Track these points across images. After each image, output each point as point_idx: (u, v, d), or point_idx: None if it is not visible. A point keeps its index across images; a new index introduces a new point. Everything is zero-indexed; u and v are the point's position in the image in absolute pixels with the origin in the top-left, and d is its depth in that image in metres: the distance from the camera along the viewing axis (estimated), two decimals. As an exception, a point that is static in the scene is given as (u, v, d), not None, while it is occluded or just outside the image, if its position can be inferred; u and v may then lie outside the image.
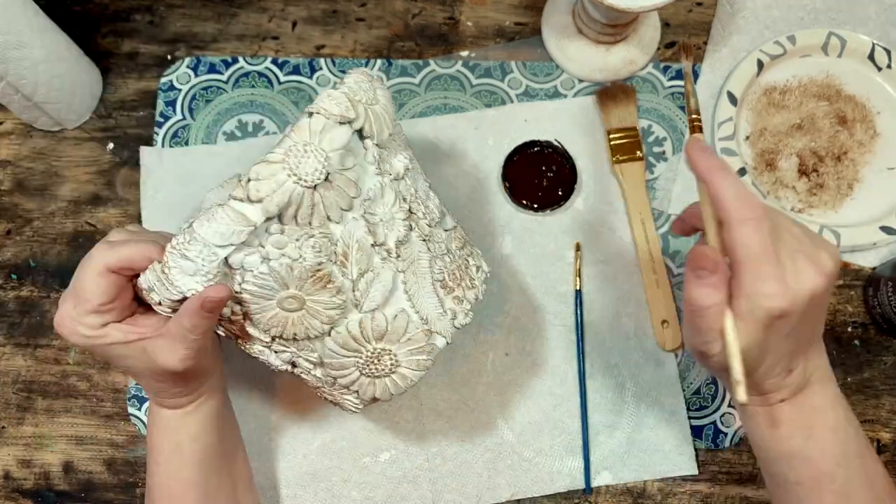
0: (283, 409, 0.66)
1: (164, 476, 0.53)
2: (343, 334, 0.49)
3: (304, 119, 0.45)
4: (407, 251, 0.50)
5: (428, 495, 0.65)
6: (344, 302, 0.47)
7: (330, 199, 0.46)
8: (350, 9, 0.76)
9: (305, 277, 0.46)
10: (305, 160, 0.44)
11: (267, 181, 0.43)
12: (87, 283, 0.46)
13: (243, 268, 0.45)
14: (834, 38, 0.72)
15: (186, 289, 0.45)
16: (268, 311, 0.47)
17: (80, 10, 0.76)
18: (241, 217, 0.43)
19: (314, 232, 0.45)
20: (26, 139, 0.72)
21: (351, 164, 0.47)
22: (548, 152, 0.70)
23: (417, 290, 0.50)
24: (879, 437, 0.66)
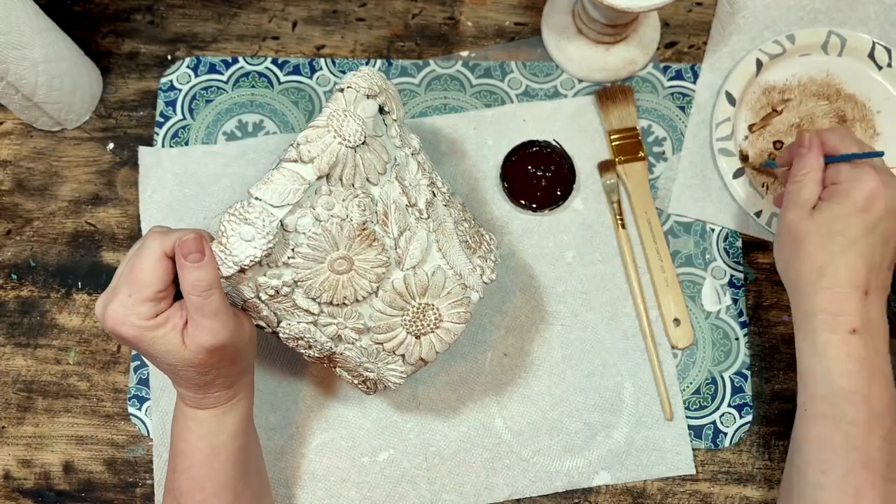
0: (283, 409, 0.66)
1: (196, 479, 0.52)
2: (389, 292, 0.52)
3: (337, 93, 0.51)
4: (434, 213, 0.54)
5: (426, 495, 0.65)
6: (388, 259, 0.51)
7: (368, 160, 0.50)
8: (350, 9, 0.76)
9: (353, 236, 0.50)
10: (347, 123, 0.49)
11: (316, 142, 0.48)
12: (145, 269, 0.46)
13: (296, 230, 0.48)
14: (834, 36, 0.72)
15: (244, 256, 0.47)
16: (319, 276, 0.50)
17: (80, 10, 0.76)
18: (296, 176, 0.47)
19: (358, 192, 0.50)
20: (26, 139, 0.72)
21: (380, 133, 0.52)
22: (546, 152, 0.70)
23: (448, 248, 0.54)
24: (880, 436, 0.66)
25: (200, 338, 0.47)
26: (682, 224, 0.70)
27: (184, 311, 0.48)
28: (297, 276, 0.49)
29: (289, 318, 0.52)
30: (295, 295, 0.50)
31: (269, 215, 0.46)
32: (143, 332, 0.46)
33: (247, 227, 0.46)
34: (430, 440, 0.66)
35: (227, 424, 0.52)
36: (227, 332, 0.48)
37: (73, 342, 0.68)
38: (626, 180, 0.70)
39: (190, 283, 0.46)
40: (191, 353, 0.47)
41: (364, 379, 0.57)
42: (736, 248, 0.70)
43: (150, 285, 0.46)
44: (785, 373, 0.67)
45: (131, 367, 0.68)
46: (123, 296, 0.46)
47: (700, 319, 0.68)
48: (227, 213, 0.47)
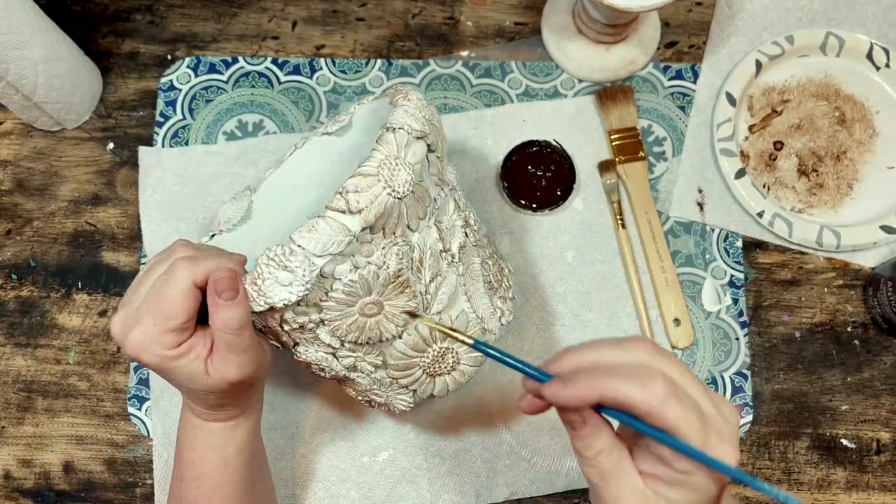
0: (282, 409, 0.66)
1: (204, 489, 0.52)
2: (413, 336, 0.51)
3: (387, 133, 0.48)
4: (465, 256, 0.54)
5: (426, 495, 0.65)
6: (417, 305, 0.50)
7: (412, 208, 0.48)
8: (350, 9, 0.76)
9: (387, 283, 0.48)
10: (398, 173, 0.46)
11: (365, 193, 0.45)
12: (173, 300, 0.44)
13: (333, 276, 0.46)
14: (832, 37, 0.73)
15: (278, 299, 0.45)
16: (348, 318, 0.49)
17: (80, 10, 0.76)
18: (341, 227, 0.45)
19: (398, 240, 0.48)
20: (26, 139, 0.72)
21: (425, 177, 0.50)
22: (546, 152, 0.70)
23: (474, 292, 0.54)
24: (879, 436, 0.66)
25: (227, 372, 0.46)
26: (682, 224, 0.70)
27: (207, 339, 0.47)
28: (326, 317, 0.48)
29: (307, 346, 0.51)
30: (319, 331, 0.49)
31: (311, 264, 0.45)
32: (165, 362, 0.45)
33: (285, 273, 0.45)
34: (429, 440, 0.66)
35: (237, 437, 0.52)
36: (254, 366, 0.47)
37: (73, 342, 0.68)
38: (626, 180, 0.70)
39: (222, 321, 0.45)
40: (213, 382, 0.46)
41: (370, 401, 0.57)
42: (736, 249, 0.70)
43: (177, 317, 0.45)
44: (785, 373, 0.67)
45: (131, 367, 0.68)
46: (148, 325, 0.45)
47: (700, 319, 0.68)
48: (267, 255, 0.45)
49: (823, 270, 0.70)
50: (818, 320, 0.69)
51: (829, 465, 0.66)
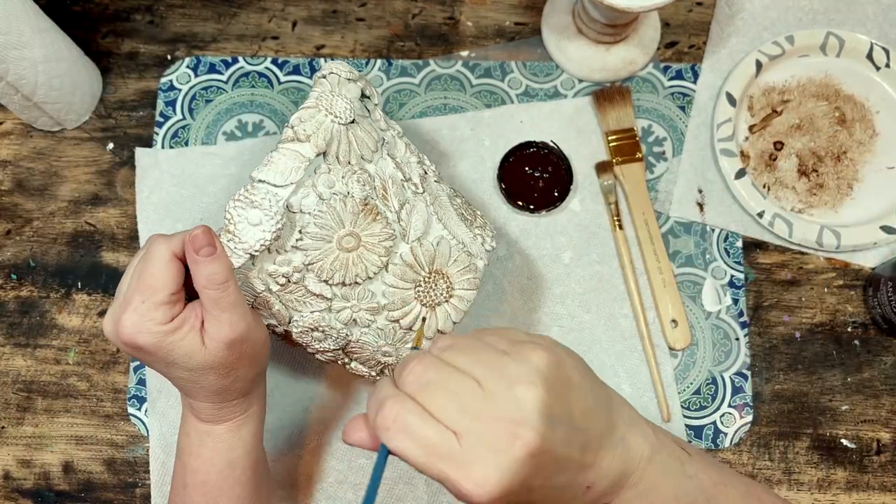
0: (279, 410, 0.66)
1: (213, 495, 0.52)
2: (399, 265, 0.53)
3: (320, 80, 0.52)
4: (428, 187, 0.55)
5: (423, 497, 0.65)
6: (393, 233, 0.52)
7: (361, 138, 0.52)
8: (350, 9, 0.76)
9: (357, 212, 0.51)
10: (336, 102, 0.51)
11: (310, 121, 0.50)
12: (156, 273, 0.45)
13: (301, 211, 0.49)
14: (832, 37, 0.72)
15: (254, 241, 0.47)
16: (329, 255, 0.50)
17: (80, 10, 0.76)
18: (295, 155, 0.49)
19: (355, 168, 0.51)
20: (26, 139, 0.73)
21: (366, 115, 0.54)
22: (544, 153, 0.70)
23: (448, 220, 0.55)
24: (879, 437, 0.66)
25: (220, 333, 0.46)
26: (682, 224, 0.70)
27: (198, 311, 0.47)
28: (308, 259, 0.50)
29: (301, 309, 0.52)
30: (306, 281, 0.51)
31: (275, 195, 0.47)
32: (161, 339, 0.45)
33: (254, 210, 0.47)
34: (428, 441, 0.66)
35: (243, 438, 0.52)
36: (245, 323, 0.47)
37: (72, 342, 0.68)
38: (624, 181, 0.70)
39: (205, 278, 0.45)
40: (211, 353, 0.46)
41: (382, 367, 0.57)
42: (736, 249, 0.70)
43: (164, 288, 0.45)
44: (785, 373, 0.67)
45: (131, 368, 0.68)
46: (137, 303, 0.45)
47: (700, 319, 0.68)
48: (232, 200, 0.47)
49: (823, 271, 0.69)
50: (818, 320, 0.68)
51: (829, 466, 0.66)
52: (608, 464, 0.40)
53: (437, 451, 0.35)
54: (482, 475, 0.35)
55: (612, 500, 0.41)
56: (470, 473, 0.35)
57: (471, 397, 0.36)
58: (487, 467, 0.35)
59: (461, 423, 0.36)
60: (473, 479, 0.35)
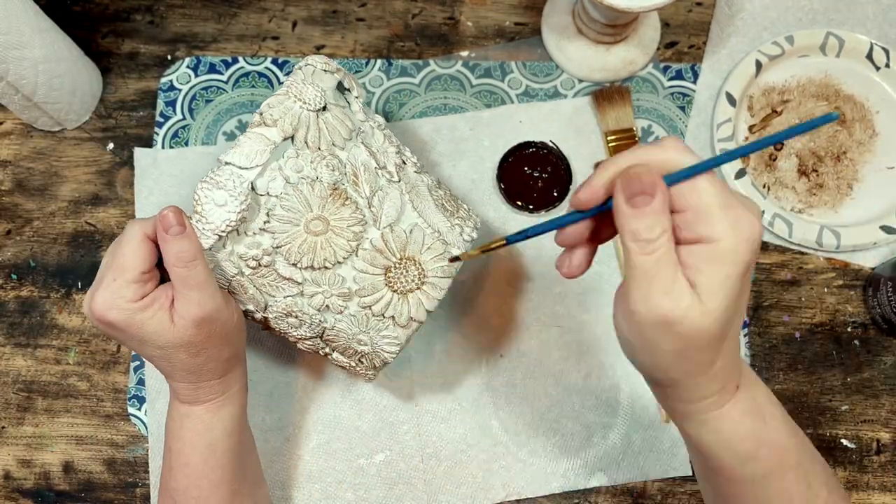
0: (278, 410, 0.66)
1: (194, 477, 0.52)
2: (369, 250, 0.52)
3: (295, 70, 0.54)
4: (405, 176, 0.55)
5: (423, 497, 0.65)
6: (364, 217, 0.52)
7: (332, 125, 0.52)
8: (350, 9, 0.76)
9: (325, 196, 0.51)
10: (306, 90, 0.52)
11: (278, 107, 0.51)
12: (128, 253, 0.47)
13: (268, 193, 0.50)
14: (832, 38, 0.72)
15: (220, 221, 0.48)
16: (296, 238, 0.51)
17: (80, 10, 0.76)
18: (261, 138, 0.49)
19: (325, 154, 0.51)
20: (26, 139, 0.73)
21: (342, 104, 0.55)
22: (543, 153, 0.70)
23: (424, 209, 0.55)
24: (879, 437, 0.66)
25: (188, 311, 0.47)
26: (681, 224, 0.70)
27: (169, 291, 0.48)
28: (276, 242, 0.50)
29: (275, 294, 0.52)
30: (276, 264, 0.51)
31: (240, 177, 0.48)
32: (130, 315, 0.46)
33: (219, 191, 0.48)
34: (426, 442, 0.66)
35: (222, 420, 0.53)
36: (214, 303, 0.48)
37: (73, 342, 0.68)
38: (625, 181, 0.70)
39: (174, 255, 0.46)
40: (180, 331, 0.47)
41: (360, 357, 0.56)
42: (735, 249, 0.69)
43: (134, 267, 0.46)
44: (785, 373, 0.67)
45: (131, 368, 0.68)
46: (108, 281, 0.47)
47: (699, 320, 0.68)
48: (200, 182, 0.48)
49: (823, 271, 0.69)
50: (818, 320, 0.68)
51: (829, 465, 0.66)
52: (728, 345, 0.39)
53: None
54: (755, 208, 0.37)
55: (739, 382, 0.41)
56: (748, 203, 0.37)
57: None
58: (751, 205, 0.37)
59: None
60: (753, 208, 0.37)
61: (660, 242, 0.36)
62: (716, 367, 0.39)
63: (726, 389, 0.41)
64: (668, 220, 0.36)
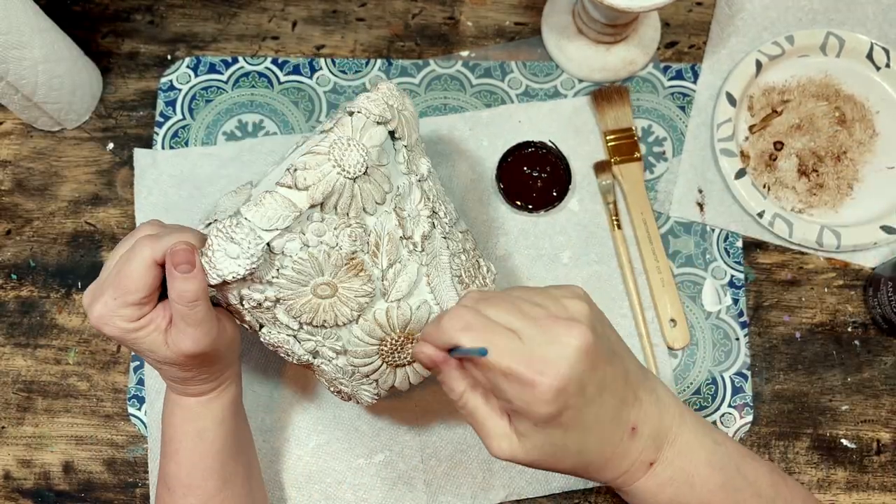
0: (278, 410, 0.66)
1: (185, 464, 0.53)
2: (370, 322, 0.51)
3: (345, 117, 0.49)
4: (430, 246, 0.53)
5: (423, 497, 0.65)
6: (373, 290, 0.50)
7: (367, 191, 0.49)
8: (350, 9, 0.76)
9: (340, 265, 0.49)
10: (349, 153, 0.47)
11: (314, 170, 0.46)
12: (134, 276, 0.46)
13: (283, 253, 0.47)
14: (832, 37, 0.72)
15: (227, 272, 0.46)
16: (301, 297, 0.49)
17: (80, 10, 0.76)
18: (287, 203, 0.46)
19: (351, 222, 0.49)
20: (26, 139, 0.73)
21: (385, 162, 0.50)
22: (542, 153, 0.70)
23: (439, 284, 0.53)
24: (879, 437, 0.66)
25: (182, 344, 0.48)
26: (682, 224, 0.70)
27: (167, 311, 0.48)
28: (280, 295, 0.49)
29: (269, 327, 0.52)
30: (276, 310, 0.50)
31: (256, 238, 0.46)
32: (125, 334, 0.47)
33: (233, 245, 0.46)
34: (426, 442, 0.66)
35: (212, 410, 0.53)
36: (209, 340, 0.48)
37: (72, 342, 0.68)
38: (622, 181, 0.70)
39: (177, 293, 0.46)
40: (172, 354, 0.48)
41: (339, 391, 0.57)
42: (736, 249, 0.70)
43: (136, 291, 0.46)
44: (785, 373, 0.67)
45: (131, 368, 0.68)
46: (109, 299, 0.47)
47: (700, 319, 0.68)
48: (216, 227, 0.46)
49: (823, 270, 0.69)
50: (818, 320, 0.68)
51: (830, 466, 0.66)
52: (647, 410, 0.43)
53: (501, 347, 0.40)
54: (545, 363, 0.39)
55: (656, 458, 0.44)
56: (533, 363, 0.39)
57: (525, 306, 0.42)
58: (549, 356, 0.40)
59: (520, 324, 0.41)
60: (537, 367, 0.39)
61: (463, 400, 0.44)
62: (606, 462, 0.43)
63: (636, 468, 0.44)
64: (462, 380, 0.44)
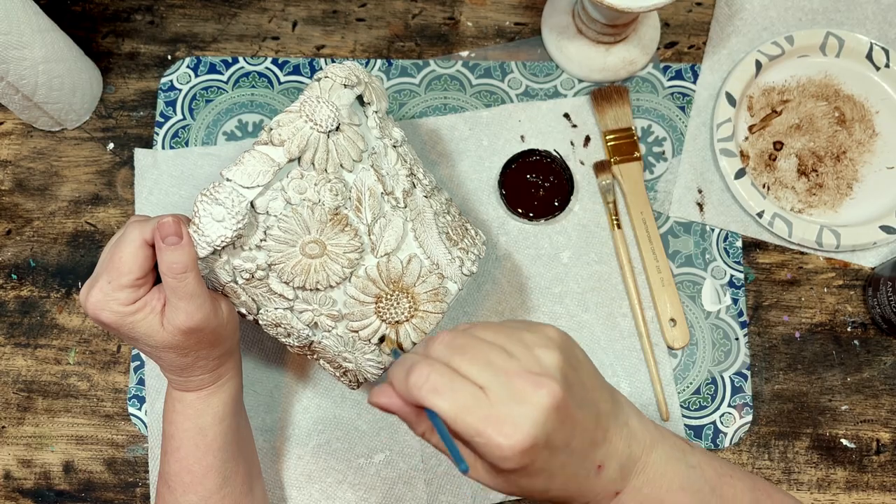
0: (279, 410, 0.66)
1: (185, 461, 0.53)
2: (362, 278, 0.52)
3: (313, 82, 0.51)
4: (413, 203, 0.54)
5: (423, 497, 0.65)
6: (361, 245, 0.51)
7: (342, 146, 0.50)
8: (350, 9, 0.76)
9: (325, 220, 0.50)
10: (319, 109, 0.49)
11: (287, 126, 0.48)
12: (125, 257, 0.47)
13: (268, 213, 0.48)
14: (832, 38, 0.72)
15: (216, 236, 0.47)
16: (291, 259, 0.50)
17: (80, 10, 0.76)
18: (266, 158, 0.48)
19: (331, 177, 0.50)
20: (26, 139, 0.73)
21: (357, 122, 0.52)
22: (546, 162, 0.69)
23: (426, 239, 0.54)
24: (879, 436, 0.66)
25: (176, 319, 0.48)
26: (681, 224, 0.70)
27: (162, 294, 0.49)
28: (270, 260, 0.50)
29: (266, 305, 0.52)
30: (269, 279, 0.51)
31: (239, 196, 0.47)
32: (122, 318, 0.48)
33: (218, 207, 0.47)
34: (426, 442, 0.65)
35: (212, 406, 0.53)
36: (203, 314, 0.48)
37: (73, 342, 0.68)
38: (622, 181, 0.70)
39: (166, 265, 0.47)
40: (169, 335, 0.48)
41: (344, 370, 0.57)
42: (736, 248, 0.70)
43: (130, 273, 0.47)
44: (785, 373, 0.67)
45: (131, 368, 0.68)
46: (103, 282, 0.47)
47: (700, 319, 0.68)
48: (200, 194, 0.48)
49: (823, 270, 0.70)
50: (818, 320, 0.68)
51: (829, 465, 0.66)
52: (615, 446, 0.42)
53: (467, 406, 0.38)
54: (511, 425, 0.37)
55: (623, 488, 0.43)
56: (499, 424, 0.37)
57: (495, 358, 0.39)
58: (515, 417, 0.37)
59: (488, 379, 0.39)
60: (503, 430, 0.37)
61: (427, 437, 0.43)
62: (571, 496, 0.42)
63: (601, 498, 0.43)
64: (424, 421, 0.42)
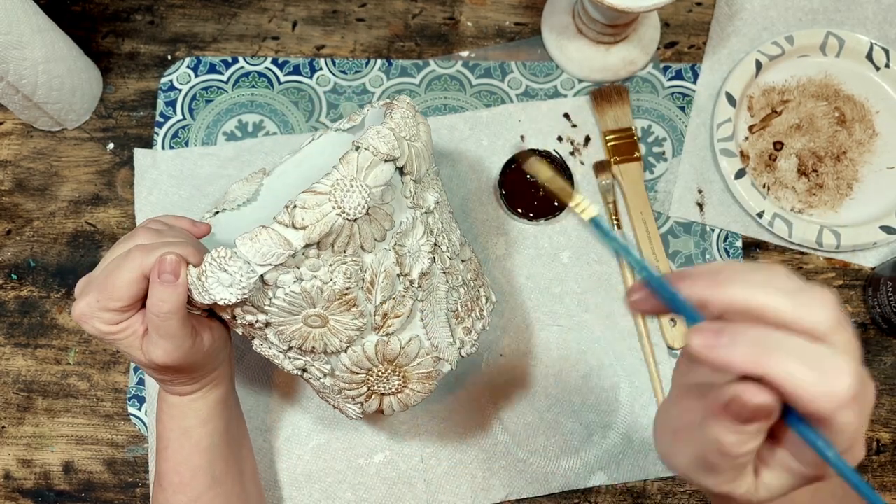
0: (278, 410, 0.66)
1: (173, 462, 0.53)
2: (358, 353, 0.51)
3: (351, 152, 0.46)
4: (427, 282, 0.51)
5: (423, 497, 0.65)
6: (364, 325, 0.49)
7: (366, 231, 0.47)
8: (350, 9, 0.76)
9: (333, 299, 0.47)
10: (350, 195, 0.45)
11: (312, 210, 0.45)
12: (120, 285, 0.46)
13: (276, 285, 0.46)
14: (832, 38, 0.72)
15: (219, 297, 0.46)
16: (292, 325, 0.49)
17: (80, 10, 0.76)
18: (283, 241, 0.45)
19: (347, 259, 0.47)
20: (26, 139, 0.73)
21: (389, 199, 0.48)
22: (547, 163, 0.69)
23: (432, 320, 0.52)
24: (879, 436, 0.66)
25: (153, 354, 0.48)
26: (681, 224, 0.70)
27: (145, 319, 0.48)
28: (271, 320, 0.49)
29: (260, 342, 0.52)
30: (267, 332, 0.50)
31: (250, 272, 0.45)
32: (103, 335, 0.48)
33: (226, 275, 0.45)
34: (426, 442, 0.66)
35: (196, 410, 0.53)
36: (180, 354, 0.48)
37: (73, 342, 0.68)
38: (622, 181, 0.70)
39: (154, 301, 0.46)
40: (146, 361, 0.48)
41: (327, 400, 0.57)
42: (736, 249, 0.70)
43: (119, 299, 0.46)
44: (784, 373, 0.67)
45: (131, 368, 0.68)
46: (92, 298, 0.47)
47: (699, 320, 0.68)
48: (212, 255, 0.46)
49: (823, 270, 0.69)
50: (818, 321, 0.68)
51: (829, 466, 0.66)
52: None
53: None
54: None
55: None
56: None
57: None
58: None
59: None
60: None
61: (745, 459, 0.31)
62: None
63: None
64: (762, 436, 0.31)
